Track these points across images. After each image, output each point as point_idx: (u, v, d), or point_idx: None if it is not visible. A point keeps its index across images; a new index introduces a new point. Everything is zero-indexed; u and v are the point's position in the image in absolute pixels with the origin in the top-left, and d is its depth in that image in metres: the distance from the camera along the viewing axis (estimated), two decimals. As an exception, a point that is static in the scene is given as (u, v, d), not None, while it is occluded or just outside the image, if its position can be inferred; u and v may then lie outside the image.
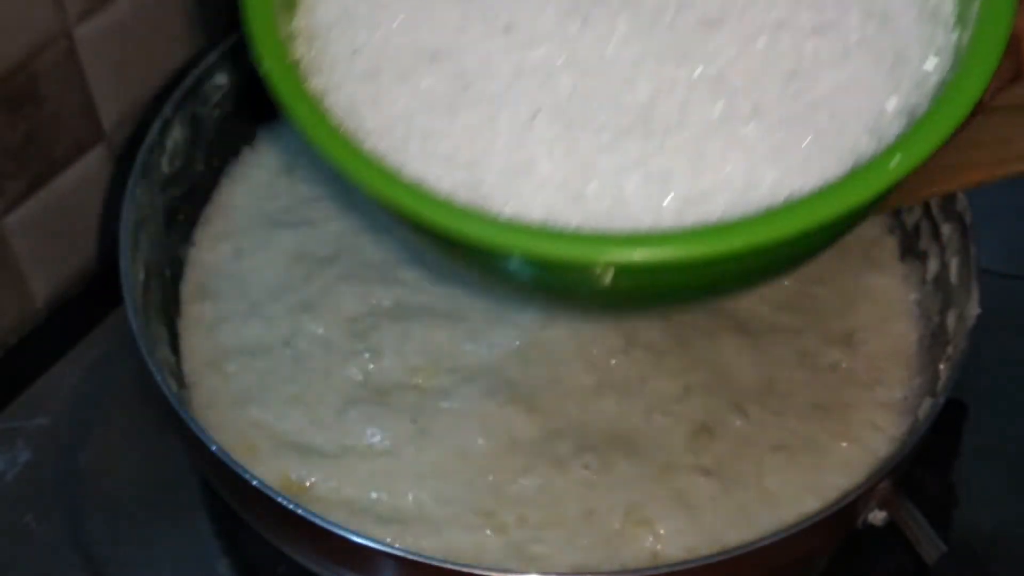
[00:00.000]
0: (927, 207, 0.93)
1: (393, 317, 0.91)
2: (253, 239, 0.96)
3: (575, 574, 0.79)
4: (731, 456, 0.85)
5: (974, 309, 0.83)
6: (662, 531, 0.81)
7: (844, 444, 0.86)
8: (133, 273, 0.84)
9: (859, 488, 0.76)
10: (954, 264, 0.88)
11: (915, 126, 0.64)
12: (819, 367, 0.90)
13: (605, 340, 0.89)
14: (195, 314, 0.93)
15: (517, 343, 0.89)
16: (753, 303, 0.93)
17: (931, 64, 0.67)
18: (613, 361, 0.88)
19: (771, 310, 0.93)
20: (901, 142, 0.64)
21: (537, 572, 0.78)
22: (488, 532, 0.81)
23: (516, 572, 0.77)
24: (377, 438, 0.85)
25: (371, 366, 0.88)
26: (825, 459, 0.85)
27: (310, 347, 0.90)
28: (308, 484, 0.83)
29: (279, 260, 0.94)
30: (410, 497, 0.82)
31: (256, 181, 1.00)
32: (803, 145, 0.64)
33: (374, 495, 0.83)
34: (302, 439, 0.85)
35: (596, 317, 0.89)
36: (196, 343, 0.91)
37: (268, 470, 0.83)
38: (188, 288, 0.94)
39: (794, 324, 0.92)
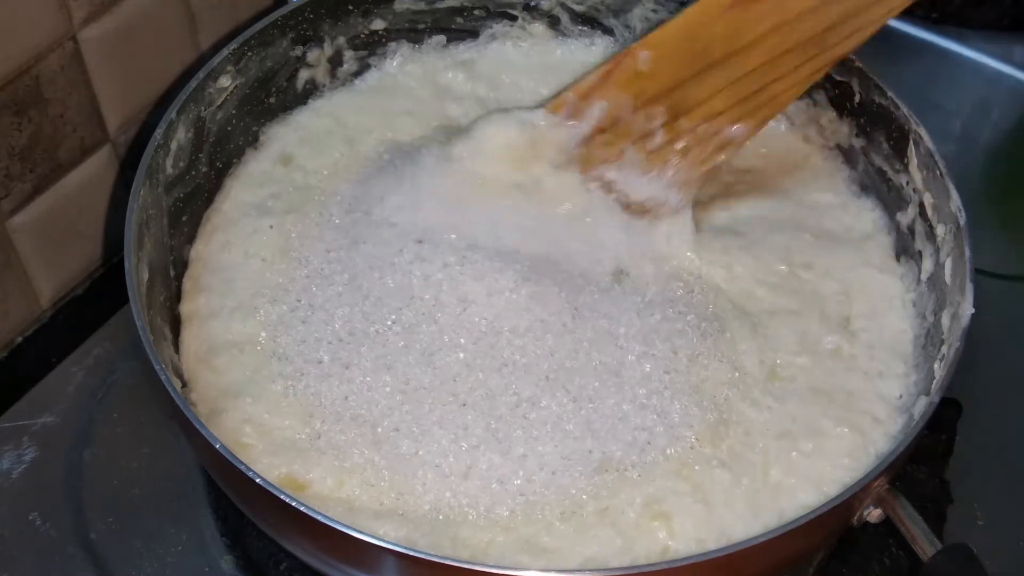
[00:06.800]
0: (921, 208, 0.93)
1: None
2: (241, 230, 0.96)
3: (581, 570, 0.80)
4: (742, 446, 0.86)
5: (968, 309, 0.84)
6: (677, 526, 0.82)
7: (845, 430, 0.86)
8: (137, 273, 0.85)
9: (855, 485, 0.77)
10: (948, 264, 0.89)
11: None
12: (820, 352, 0.91)
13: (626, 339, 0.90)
14: (189, 311, 0.93)
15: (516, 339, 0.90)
16: (749, 285, 0.94)
17: None
18: (630, 357, 0.88)
19: (768, 293, 0.94)
20: None
21: (542, 568, 0.79)
22: (496, 526, 0.81)
23: (518, 568, 0.78)
24: (377, 433, 0.85)
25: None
26: (826, 446, 0.85)
27: (298, 340, 0.89)
28: (305, 480, 0.83)
29: (264, 251, 0.94)
30: (411, 491, 0.83)
31: (254, 171, 1.01)
32: None
33: (373, 489, 0.83)
34: (295, 435, 0.85)
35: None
36: (190, 339, 0.91)
37: (265, 467, 0.83)
38: (187, 285, 0.94)
39: (790, 306, 0.93)
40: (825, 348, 0.91)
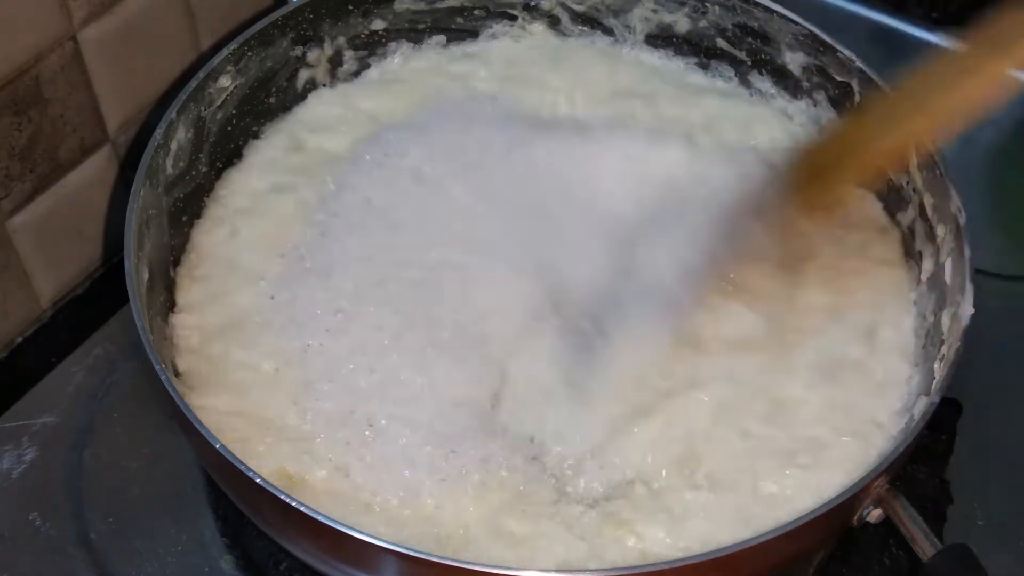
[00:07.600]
0: (921, 208, 0.93)
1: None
2: (250, 216, 0.96)
3: (574, 571, 0.79)
4: (724, 469, 0.84)
5: (968, 309, 0.84)
6: (642, 531, 0.81)
7: (847, 439, 0.85)
8: (137, 273, 0.85)
9: (855, 486, 0.77)
10: (948, 265, 0.89)
11: None
12: (842, 364, 0.89)
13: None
14: (184, 300, 0.92)
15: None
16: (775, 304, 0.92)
17: None
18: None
19: (795, 307, 0.92)
20: None
21: (536, 569, 0.78)
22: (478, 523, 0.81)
23: (517, 568, 0.77)
24: (377, 427, 0.85)
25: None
26: (825, 456, 0.84)
27: (300, 324, 0.89)
28: (306, 477, 0.83)
29: (274, 231, 0.94)
30: (409, 487, 0.82)
31: (264, 157, 1.00)
32: None
33: (373, 485, 0.82)
34: (295, 429, 0.85)
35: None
36: (184, 330, 0.90)
37: (262, 463, 0.82)
38: (180, 273, 0.94)
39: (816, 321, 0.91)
40: (848, 359, 0.89)
